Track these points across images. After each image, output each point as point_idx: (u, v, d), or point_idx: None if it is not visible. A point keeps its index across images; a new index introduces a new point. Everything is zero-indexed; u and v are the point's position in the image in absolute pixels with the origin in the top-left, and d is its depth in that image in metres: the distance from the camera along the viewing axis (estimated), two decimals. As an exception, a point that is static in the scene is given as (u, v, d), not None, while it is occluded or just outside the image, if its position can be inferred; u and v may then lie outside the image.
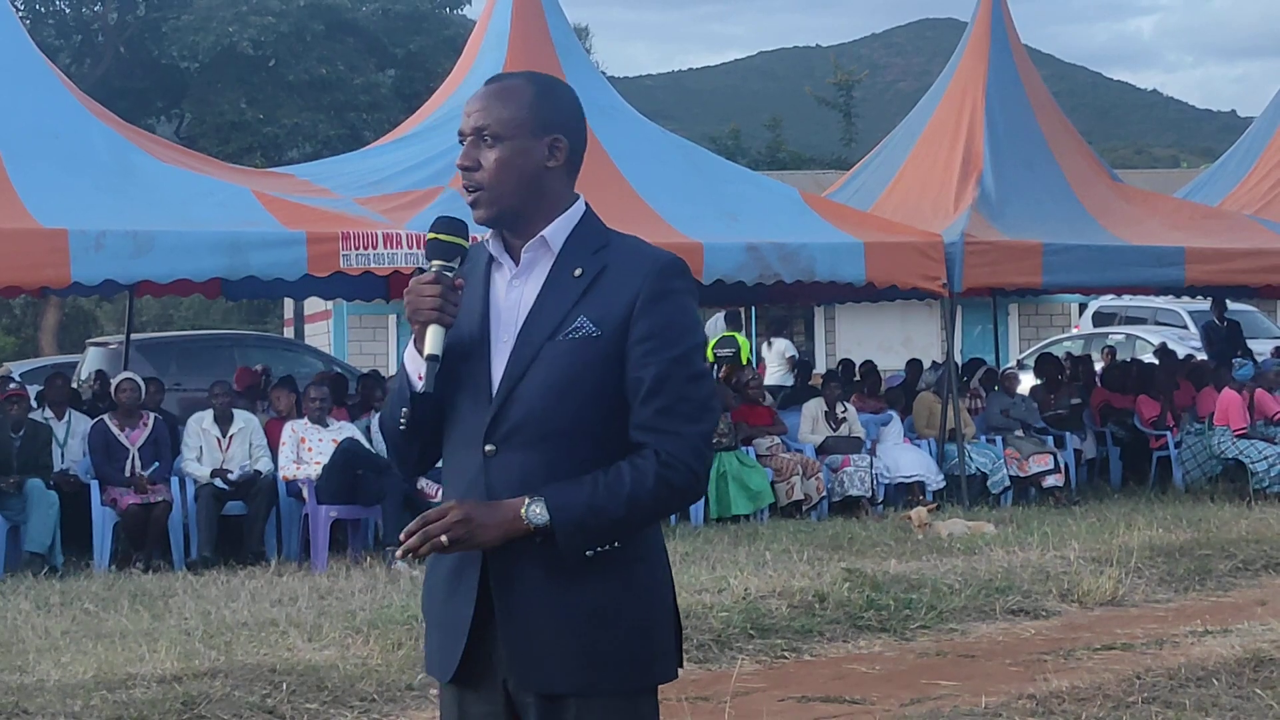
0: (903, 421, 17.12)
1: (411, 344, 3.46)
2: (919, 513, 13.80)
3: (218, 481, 13.32)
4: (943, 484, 16.13)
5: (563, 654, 3.40)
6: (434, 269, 3.46)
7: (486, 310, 3.49)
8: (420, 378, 3.42)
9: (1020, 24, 18.81)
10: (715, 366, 22.12)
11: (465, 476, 3.45)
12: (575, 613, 3.41)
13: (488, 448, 3.43)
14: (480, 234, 3.48)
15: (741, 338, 23.72)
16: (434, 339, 3.40)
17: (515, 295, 3.49)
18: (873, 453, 16.18)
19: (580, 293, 3.43)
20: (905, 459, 16.28)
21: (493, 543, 3.34)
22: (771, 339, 25.32)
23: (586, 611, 3.41)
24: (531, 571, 3.40)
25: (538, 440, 3.41)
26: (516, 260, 3.52)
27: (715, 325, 25.10)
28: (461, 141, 3.52)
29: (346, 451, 13.11)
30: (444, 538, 3.29)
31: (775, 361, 23.98)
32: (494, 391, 3.43)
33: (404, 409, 3.48)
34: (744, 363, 22.33)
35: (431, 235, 3.52)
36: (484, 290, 3.51)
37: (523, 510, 3.32)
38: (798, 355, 24.51)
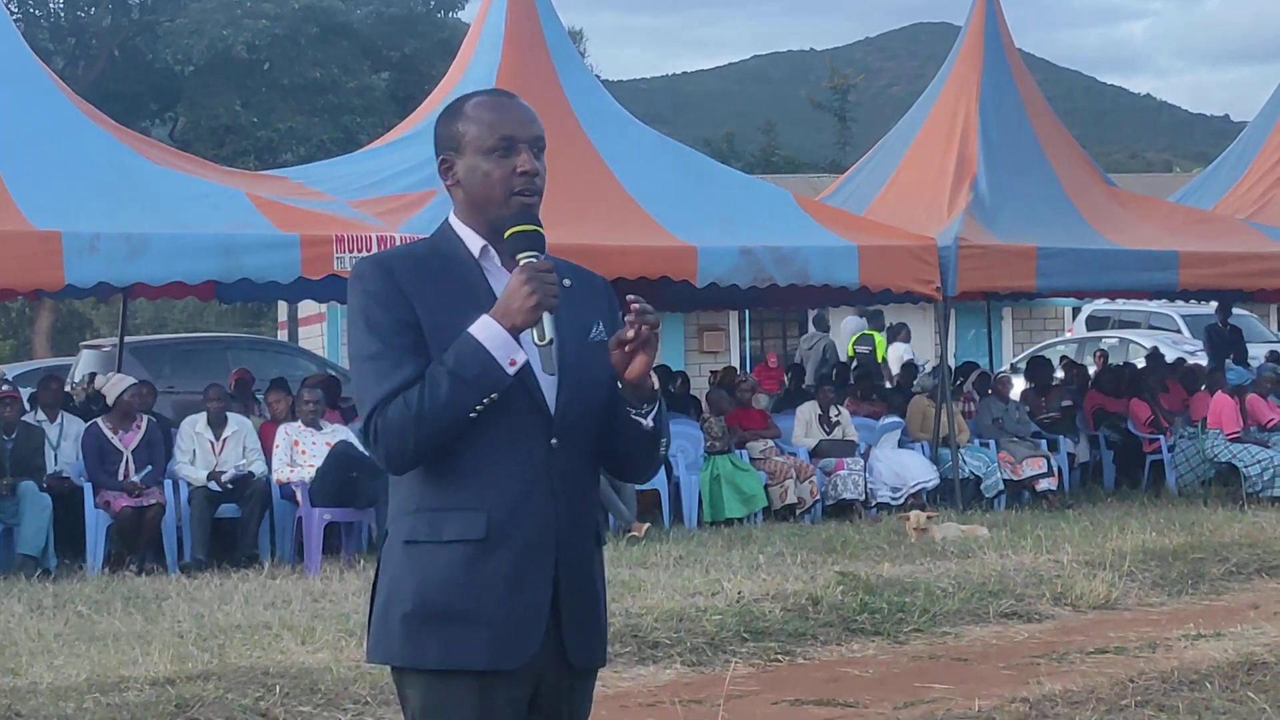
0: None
1: (503, 330, 3.54)
2: (917, 516, 13.79)
3: (212, 485, 13.31)
4: (937, 483, 16.15)
5: (599, 629, 3.79)
6: (539, 259, 3.60)
7: None
8: (513, 363, 3.54)
9: (1012, 28, 18.81)
10: (854, 361, 22.32)
11: (523, 470, 3.62)
12: (600, 590, 3.80)
13: (554, 442, 3.64)
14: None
15: (879, 336, 23.99)
16: (549, 324, 3.55)
17: None
18: (866, 456, 16.18)
19: (581, 300, 3.73)
20: (912, 464, 16.27)
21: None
22: (895, 342, 25.48)
23: (602, 589, 3.82)
24: (586, 554, 3.74)
25: (587, 433, 3.70)
26: (507, 268, 3.69)
27: (849, 325, 25.31)
28: (511, 147, 3.69)
29: (340, 454, 13.11)
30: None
31: (894, 364, 24.18)
32: (546, 390, 3.64)
33: (492, 395, 3.54)
34: (880, 360, 22.59)
35: (521, 229, 3.64)
36: (492, 298, 3.64)
37: None
38: (914, 359, 24.65)
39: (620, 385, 3.67)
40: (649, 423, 3.70)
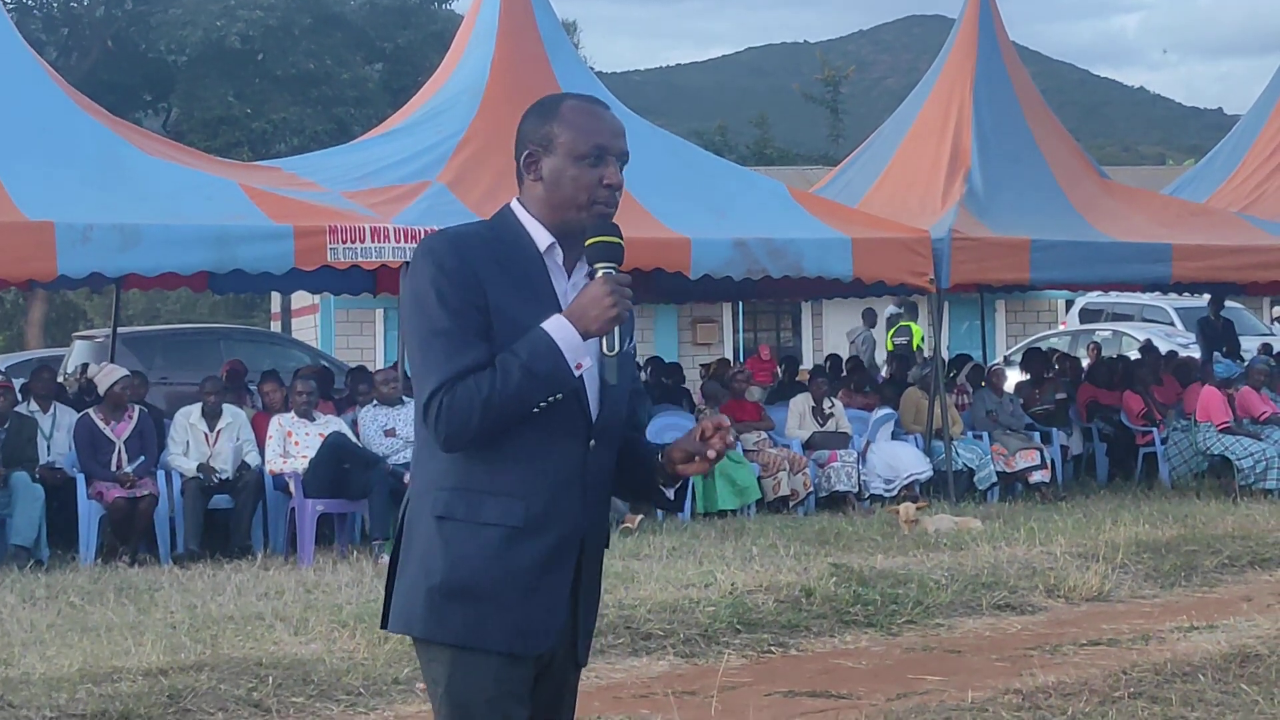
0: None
1: (576, 332, 3.64)
2: (907, 508, 13.80)
3: (203, 476, 13.29)
4: (930, 475, 16.15)
5: (593, 628, 3.93)
6: (614, 270, 3.71)
7: (560, 308, 3.73)
8: (580, 366, 3.65)
9: (1005, 21, 18.80)
10: (894, 353, 22.39)
11: (562, 465, 3.73)
12: (599, 592, 3.96)
13: (592, 443, 3.77)
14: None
15: (916, 326, 24.03)
16: (618, 335, 3.69)
17: (574, 295, 3.77)
18: (864, 453, 16.15)
19: None
20: (905, 456, 16.26)
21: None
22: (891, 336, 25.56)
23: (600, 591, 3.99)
24: (600, 555, 3.90)
25: (614, 437, 3.85)
26: (567, 269, 3.82)
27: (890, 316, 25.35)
28: (601, 157, 3.77)
29: (334, 445, 13.10)
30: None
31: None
32: (590, 393, 3.74)
33: (558, 394, 3.64)
34: (916, 348, 22.61)
35: (603, 239, 3.74)
36: (552, 295, 3.76)
37: None
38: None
39: (662, 465, 3.84)
40: (671, 494, 3.97)
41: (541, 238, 3.78)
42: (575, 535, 3.76)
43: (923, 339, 24.61)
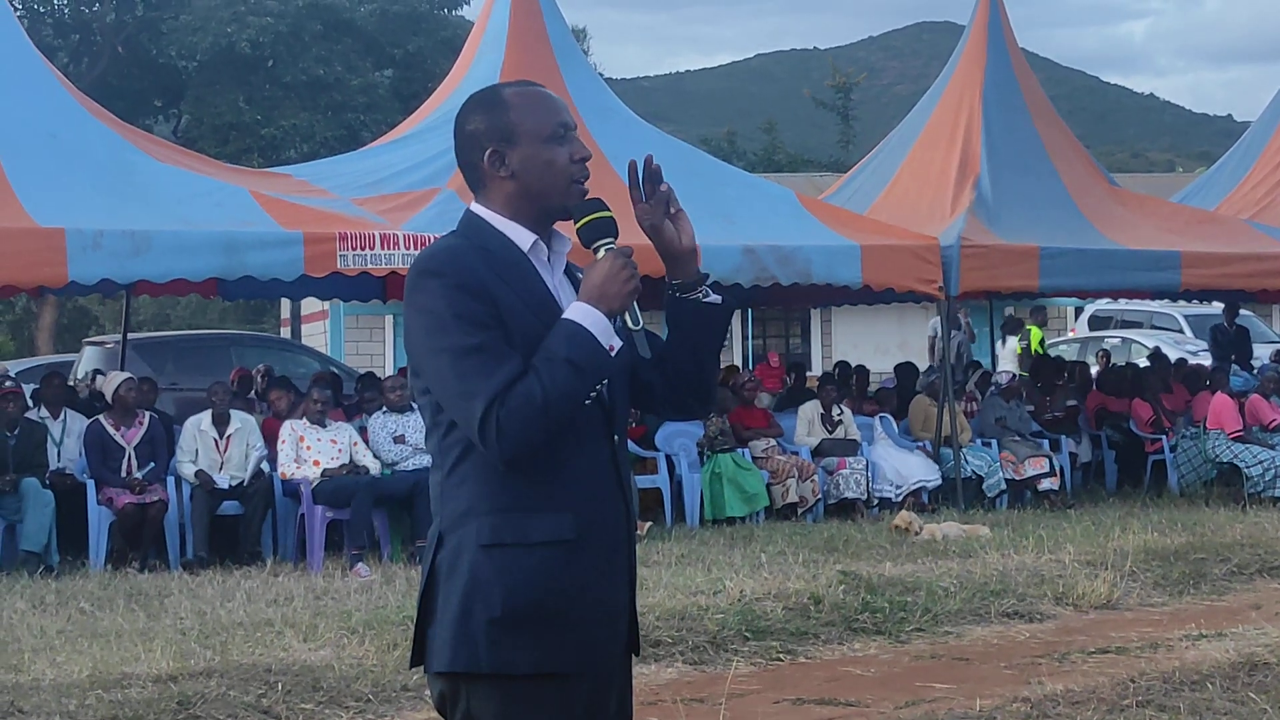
0: (897, 424, 17.15)
1: (601, 315, 3.51)
2: (903, 516, 13.92)
3: (202, 483, 13.30)
4: (939, 483, 16.14)
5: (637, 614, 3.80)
6: (616, 246, 3.64)
7: (558, 305, 3.60)
8: (611, 348, 3.51)
9: (1014, 27, 18.80)
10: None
11: (596, 466, 3.59)
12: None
13: (616, 437, 3.64)
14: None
15: (1036, 329, 24.12)
16: (636, 307, 3.58)
17: (562, 290, 3.67)
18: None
19: None
20: (913, 463, 16.25)
21: None
22: (1006, 337, 25.53)
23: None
24: (635, 546, 3.76)
25: (626, 425, 3.72)
26: (551, 262, 3.72)
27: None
28: (565, 134, 3.72)
29: (371, 489, 13.17)
30: None
31: (1008, 359, 24.34)
32: (603, 385, 3.57)
33: (603, 381, 3.53)
34: (1035, 351, 22.65)
35: (595, 216, 3.66)
36: (548, 294, 3.62)
37: None
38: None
39: (671, 269, 3.77)
40: (717, 297, 3.78)
41: (522, 238, 3.64)
42: (621, 535, 3.63)
43: (1042, 340, 24.75)
